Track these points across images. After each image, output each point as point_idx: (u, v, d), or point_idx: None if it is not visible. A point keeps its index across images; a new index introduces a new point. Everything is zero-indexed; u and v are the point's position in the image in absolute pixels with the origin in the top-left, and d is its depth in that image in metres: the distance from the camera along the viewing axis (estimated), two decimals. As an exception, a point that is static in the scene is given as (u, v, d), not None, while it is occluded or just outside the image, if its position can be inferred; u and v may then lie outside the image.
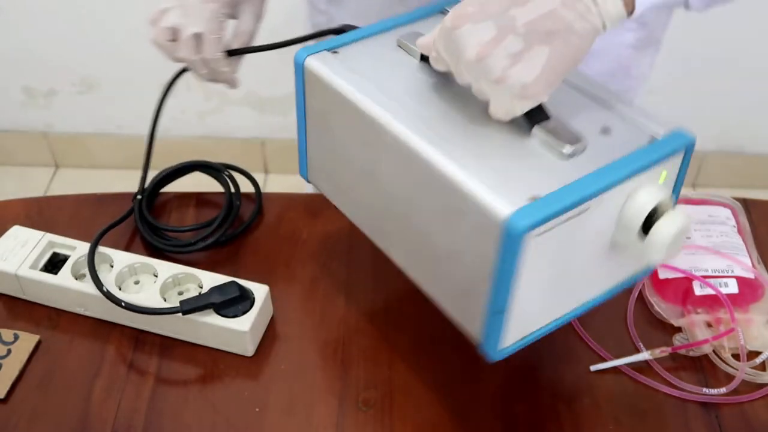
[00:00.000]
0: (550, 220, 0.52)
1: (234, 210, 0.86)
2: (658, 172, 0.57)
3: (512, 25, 0.53)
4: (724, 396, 0.71)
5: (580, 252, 0.58)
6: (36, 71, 2.00)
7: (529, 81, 0.54)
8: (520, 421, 0.70)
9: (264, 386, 0.73)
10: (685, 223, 0.55)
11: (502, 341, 0.58)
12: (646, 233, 0.56)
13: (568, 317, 0.62)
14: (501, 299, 0.55)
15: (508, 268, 0.53)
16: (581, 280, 0.61)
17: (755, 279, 0.77)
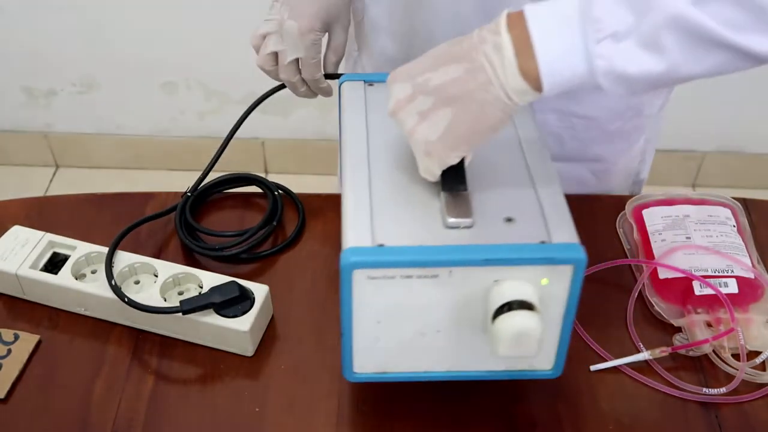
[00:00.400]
0: (380, 266, 0.57)
1: (269, 229, 0.86)
2: (537, 275, 0.58)
3: (425, 87, 0.58)
4: (724, 396, 0.71)
5: (440, 317, 0.61)
6: (36, 71, 2.00)
7: (432, 139, 0.58)
8: (520, 421, 0.70)
9: (264, 386, 0.73)
10: (527, 329, 0.56)
11: (354, 366, 0.63)
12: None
13: (440, 376, 0.65)
14: (346, 322, 0.60)
15: (345, 296, 0.58)
16: (451, 348, 0.63)
17: (755, 279, 0.77)
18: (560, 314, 0.60)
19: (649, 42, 0.52)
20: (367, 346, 0.62)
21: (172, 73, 1.98)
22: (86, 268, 0.79)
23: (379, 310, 0.60)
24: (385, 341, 0.62)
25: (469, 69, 0.56)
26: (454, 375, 0.65)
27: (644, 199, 0.87)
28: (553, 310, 0.60)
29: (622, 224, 0.86)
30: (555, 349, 0.63)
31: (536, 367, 0.64)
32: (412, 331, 0.61)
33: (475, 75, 0.56)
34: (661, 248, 0.80)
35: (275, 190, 0.89)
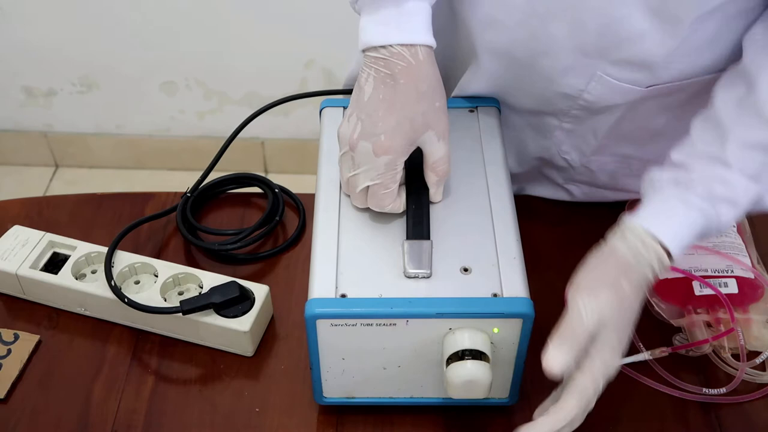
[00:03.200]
0: (341, 317, 0.62)
1: (273, 225, 0.87)
2: (488, 325, 0.63)
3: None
4: (724, 396, 0.71)
5: (400, 356, 0.65)
6: (36, 71, 2.00)
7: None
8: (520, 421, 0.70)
9: (264, 386, 0.73)
10: (477, 377, 0.61)
11: (324, 392, 0.68)
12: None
13: (403, 402, 0.70)
14: (313, 358, 0.65)
15: (311, 340, 0.63)
16: (412, 380, 0.68)
17: (755, 279, 0.77)
18: (512, 356, 0.66)
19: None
20: (334, 377, 0.67)
21: (172, 73, 1.98)
22: (86, 268, 0.79)
23: (343, 350, 0.65)
24: (350, 373, 0.67)
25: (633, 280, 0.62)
26: (416, 401, 0.69)
27: (644, 199, 0.86)
28: (505, 352, 0.65)
29: (622, 224, 0.86)
30: (509, 383, 0.68)
31: (493, 395, 0.69)
32: (374, 366, 0.66)
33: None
34: (661, 248, 0.80)
35: (275, 188, 0.89)
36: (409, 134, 0.64)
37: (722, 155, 0.64)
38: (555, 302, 0.78)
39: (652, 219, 0.64)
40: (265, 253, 0.84)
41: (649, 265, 0.63)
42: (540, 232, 0.86)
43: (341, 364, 0.66)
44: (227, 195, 0.91)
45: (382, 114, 0.63)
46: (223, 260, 0.83)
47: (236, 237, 0.83)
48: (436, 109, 0.65)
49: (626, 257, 0.63)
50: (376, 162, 0.64)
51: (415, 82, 0.63)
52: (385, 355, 0.65)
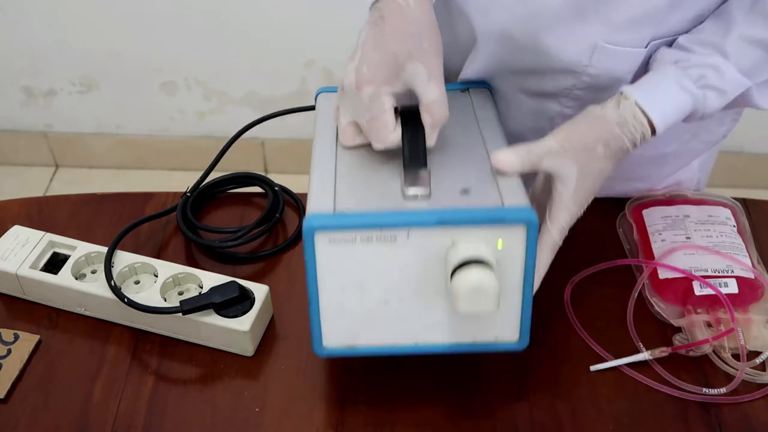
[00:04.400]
0: (340, 229, 0.60)
1: (273, 222, 0.87)
2: (492, 237, 0.61)
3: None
4: (724, 396, 0.71)
5: (402, 284, 0.63)
6: (36, 71, 2.00)
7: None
8: (520, 421, 0.70)
9: (264, 386, 0.73)
10: (483, 283, 0.59)
11: (323, 339, 0.65)
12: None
13: (407, 350, 0.67)
14: (312, 291, 0.63)
15: (309, 262, 0.61)
16: (416, 318, 0.65)
17: (755, 279, 0.77)
18: (519, 278, 0.63)
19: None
20: (334, 316, 0.64)
21: (172, 73, 1.98)
22: (86, 268, 0.79)
23: (343, 276, 0.62)
24: (351, 310, 0.64)
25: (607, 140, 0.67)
26: (421, 348, 0.67)
27: (644, 199, 0.87)
28: (512, 275, 0.63)
29: (622, 224, 0.86)
30: (518, 318, 0.65)
31: (501, 339, 0.66)
32: (376, 299, 0.64)
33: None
34: (661, 248, 0.80)
35: (275, 187, 0.89)
36: (392, 65, 0.64)
37: (723, 45, 0.69)
38: (555, 302, 0.79)
39: (646, 95, 0.68)
40: (265, 253, 0.84)
41: (631, 138, 0.68)
42: (540, 232, 0.86)
43: (341, 297, 0.63)
44: (227, 195, 0.91)
45: (368, 50, 0.65)
46: (223, 260, 0.83)
47: (236, 234, 0.83)
48: (424, 48, 0.65)
49: (612, 125, 0.67)
50: (361, 95, 0.65)
51: (403, 24, 0.65)
52: (386, 282, 0.63)
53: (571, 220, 0.67)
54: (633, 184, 0.89)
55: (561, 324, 0.77)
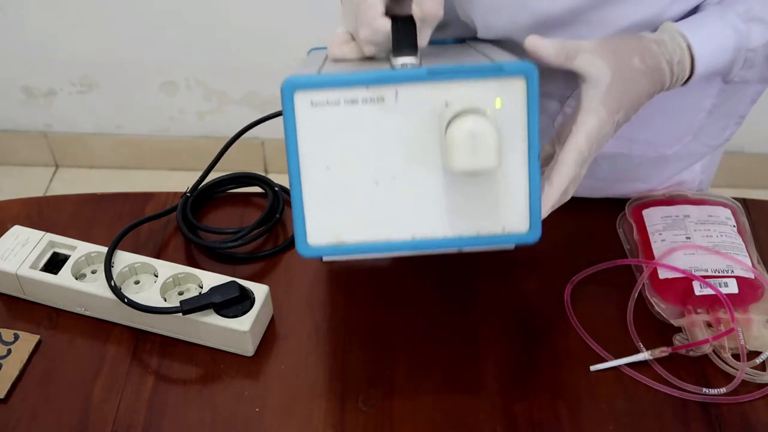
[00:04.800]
0: (322, 86, 0.55)
1: (273, 222, 0.87)
2: (489, 94, 0.55)
3: None
4: (724, 396, 0.71)
5: (393, 158, 0.57)
6: (36, 71, 2.00)
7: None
8: (520, 421, 0.70)
9: (264, 386, 0.73)
10: (481, 130, 0.53)
11: (308, 234, 0.58)
12: None
13: (402, 246, 0.59)
14: (293, 172, 0.57)
15: (290, 135, 0.56)
16: (411, 204, 0.58)
17: (755, 279, 0.77)
18: (523, 149, 0.57)
19: None
20: (319, 204, 0.58)
21: (172, 73, 1.98)
22: (86, 268, 0.79)
23: (327, 150, 0.57)
24: (338, 196, 0.58)
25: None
26: (419, 244, 0.59)
27: (644, 199, 0.87)
28: (514, 144, 0.57)
29: (622, 224, 0.87)
30: (526, 202, 0.58)
31: (510, 230, 0.59)
32: (365, 179, 0.57)
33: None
34: (661, 248, 0.80)
35: (275, 187, 0.89)
36: None
37: None
38: (555, 302, 0.79)
39: (687, 24, 0.66)
40: (265, 253, 0.84)
41: (669, 58, 0.64)
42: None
43: (326, 179, 0.57)
44: (227, 195, 0.91)
45: None
46: (223, 260, 0.83)
47: (236, 235, 0.83)
48: None
49: (649, 42, 0.65)
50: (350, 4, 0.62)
51: None
52: (376, 157, 0.57)
53: (600, 128, 0.62)
54: (634, 185, 0.89)
55: (561, 324, 0.77)
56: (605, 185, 0.88)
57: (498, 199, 0.58)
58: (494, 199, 0.58)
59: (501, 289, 0.80)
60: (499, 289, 0.80)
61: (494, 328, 0.77)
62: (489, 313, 0.78)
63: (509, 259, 0.83)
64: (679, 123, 0.83)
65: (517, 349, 0.75)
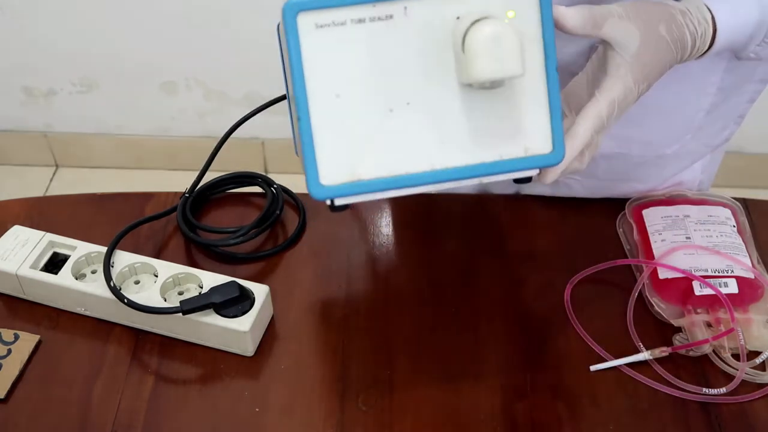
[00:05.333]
0: (328, 6, 0.52)
1: (272, 220, 0.86)
2: (501, 6, 0.53)
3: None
4: (724, 396, 0.71)
5: (406, 80, 0.54)
6: (36, 71, 2.00)
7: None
8: (520, 421, 0.70)
9: (264, 386, 0.73)
10: (502, 32, 0.51)
11: (320, 173, 0.55)
12: None
13: (422, 179, 0.56)
14: (301, 105, 0.53)
15: (295, 63, 0.52)
16: (428, 130, 0.55)
17: (755, 279, 0.77)
18: (540, 60, 0.55)
19: None
20: (332, 137, 0.54)
21: (172, 73, 1.98)
22: (86, 268, 0.79)
23: (336, 76, 0.54)
24: (350, 127, 0.54)
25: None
26: (440, 175, 0.56)
27: (644, 199, 0.87)
28: (531, 57, 0.54)
29: (622, 224, 0.87)
30: (547, 120, 0.56)
31: (532, 151, 0.56)
32: (378, 107, 0.54)
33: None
34: (661, 248, 0.80)
35: (273, 185, 0.89)
36: None
37: None
38: (555, 302, 0.79)
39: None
40: (265, 253, 0.84)
41: (692, 30, 0.63)
42: (540, 232, 0.86)
43: (337, 108, 0.54)
44: (226, 195, 0.91)
45: None
46: (223, 260, 0.83)
47: (236, 234, 0.83)
48: None
49: (675, 11, 0.63)
50: None
51: None
52: (388, 81, 0.54)
53: (625, 97, 0.61)
54: (633, 185, 0.89)
55: (561, 324, 0.77)
56: (605, 185, 0.88)
57: (519, 119, 0.55)
58: (515, 119, 0.55)
59: (501, 289, 0.80)
60: (499, 289, 0.80)
61: (494, 328, 0.77)
62: (489, 313, 0.78)
63: (509, 260, 0.83)
64: (678, 122, 0.83)
65: (517, 349, 0.75)
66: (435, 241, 0.86)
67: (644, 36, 0.61)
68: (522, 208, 0.90)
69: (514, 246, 0.85)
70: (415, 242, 0.86)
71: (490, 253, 0.84)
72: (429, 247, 0.85)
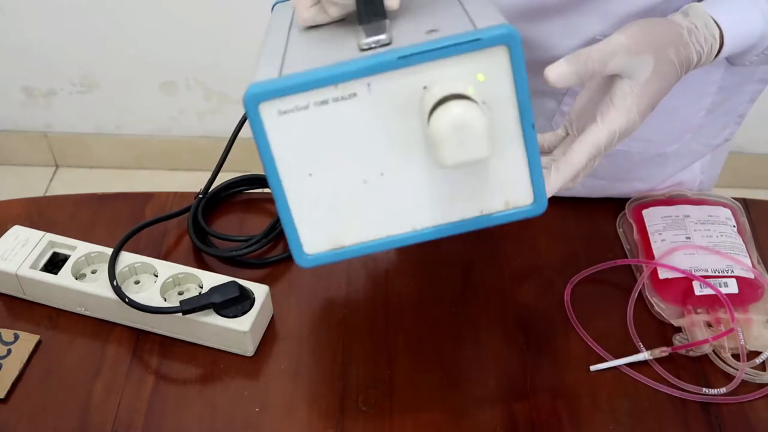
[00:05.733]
0: (286, 93, 0.51)
1: (279, 230, 0.85)
2: (470, 71, 0.51)
3: None
4: (724, 396, 0.71)
5: (377, 153, 0.53)
6: (36, 71, 2.00)
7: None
8: (520, 421, 0.70)
9: (264, 386, 0.73)
10: (466, 117, 0.49)
11: (303, 244, 0.56)
12: None
13: (405, 239, 0.57)
14: (275, 187, 0.53)
15: (263, 150, 0.52)
16: (405, 196, 0.55)
17: (755, 279, 0.77)
18: (514, 119, 0.53)
19: None
20: (309, 212, 0.55)
21: (171, 73, 1.98)
22: (86, 268, 0.79)
23: (305, 158, 0.53)
24: (327, 201, 0.55)
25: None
26: (422, 235, 0.56)
27: (644, 199, 0.87)
28: (505, 116, 0.53)
29: (622, 224, 0.87)
30: (526, 172, 0.55)
31: (514, 204, 0.56)
32: (352, 180, 0.54)
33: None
34: (661, 248, 0.80)
35: None
36: None
37: None
38: (555, 302, 0.79)
39: (716, 7, 0.64)
40: (272, 259, 0.83)
41: (699, 49, 0.62)
42: (540, 233, 0.86)
43: (311, 186, 0.54)
44: (237, 198, 0.91)
45: None
46: (224, 260, 0.83)
47: (245, 244, 0.82)
48: None
49: (682, 30, 0.62)
50: None
51: None
52: (358, 155, 0.53)
53: (627, 129, 0.59)
54: (633, 184, 0.89)
55: (561, 324, 0.77)
56: (605, 184, 0.88)
57: (497, 175, 0.55)
58: (493, 178, 0.55)
59: (501, 289, 0.80)
60: (499, 290, 0.80)
61: (494, 328, 0.77)
62: (489, 313, 0.78)
63: (509, 260, 0.83)
64: (678, 121, 0.83)
65: (517, 349, 0.75)
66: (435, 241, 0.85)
67: (655, 65, 0.59)
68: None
69: (514, 246, 0.84)
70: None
71: (490, 253, 0.84)
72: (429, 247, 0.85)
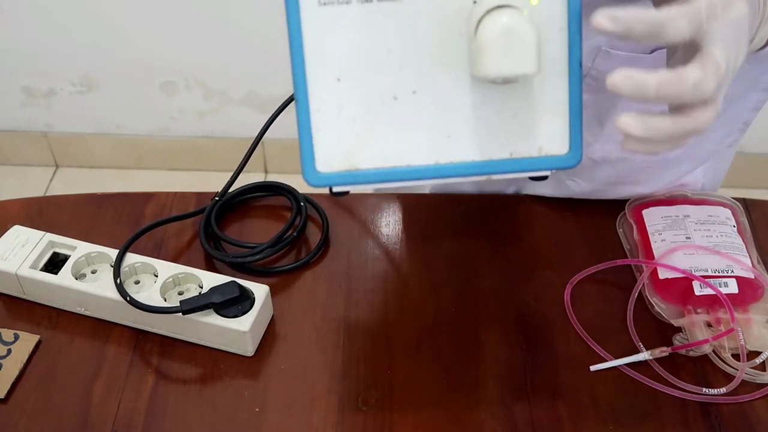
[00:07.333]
0: None
1: (288, 241, 0.84)
2: None
3: None
4: (724, 396, 0.71)
5: (414, 67, 0.50)
6: (36, 71, 2.00)
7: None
8: (519, 421, 0.70)
9: (264, 386, 0.73)
10: (516, 26, 0.46)
11: (317, 159, 0.52)
12: None
13: (425, 173, 0.52)
14: (299, 86, 0.50)
15: (294, 42, 0.49)
16: (434, 123, 0.52)
17: (755, 279, 0.77)
18: (563, 53, 0.50)
19: None
20: (330, 122, 0.51)
21: (171, 73, 1.98)
22: (86, 268, 0.79)
23: (339, 60, 0.50)
24: (350, 113, 0.51)
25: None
26: (445, 170, 0.52)
27: (644, 199, 0.87)
28: (554, 48, 0.50)
29: (622, 224, 0.87)
30: (566, 118, 0.52)
31: (547, 151, 0.52)
32: (381, 94, 0.51)
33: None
34: (661, 248, 0.80)
35: (301, 200, 0.87)
36: None
37: None
38: (555, 302, 0.79)
39: None
40: (282, 268, 0.82)
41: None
42: (540, 232, 0.86)
43: (337, 92, 0.50)
44: (250, 204, 0.90)
45: None
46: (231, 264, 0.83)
47: (253, 251, 0.82)
48: None
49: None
50: None
51: None
52: (393, 65, 0.50)
53: (726, 64, 0.48)
54: (635, 188, 0.89)
55: (561, 324, 0.77)
56: (606, 189, 0.88)
57: (534, 116, 0.51)
58: (530, 116, 0.51)
59: (501, 289, 0.80)
60: (499, 290, 0.80)
61: (494, 328, 0.77)
62: (489, 313, 0.78)
63: (509, 260, 0.83)
64: (728, 121, 0.83)
65: (517, 349, 0.75)
66: (435, 241, 0.86)
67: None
68: (522, 208, 0.90)
69: (514, 246, 0.85)
70: (415, 242, 0.86)
71: (490, 253, 0.84)
72: (429, 247, 0.85)
